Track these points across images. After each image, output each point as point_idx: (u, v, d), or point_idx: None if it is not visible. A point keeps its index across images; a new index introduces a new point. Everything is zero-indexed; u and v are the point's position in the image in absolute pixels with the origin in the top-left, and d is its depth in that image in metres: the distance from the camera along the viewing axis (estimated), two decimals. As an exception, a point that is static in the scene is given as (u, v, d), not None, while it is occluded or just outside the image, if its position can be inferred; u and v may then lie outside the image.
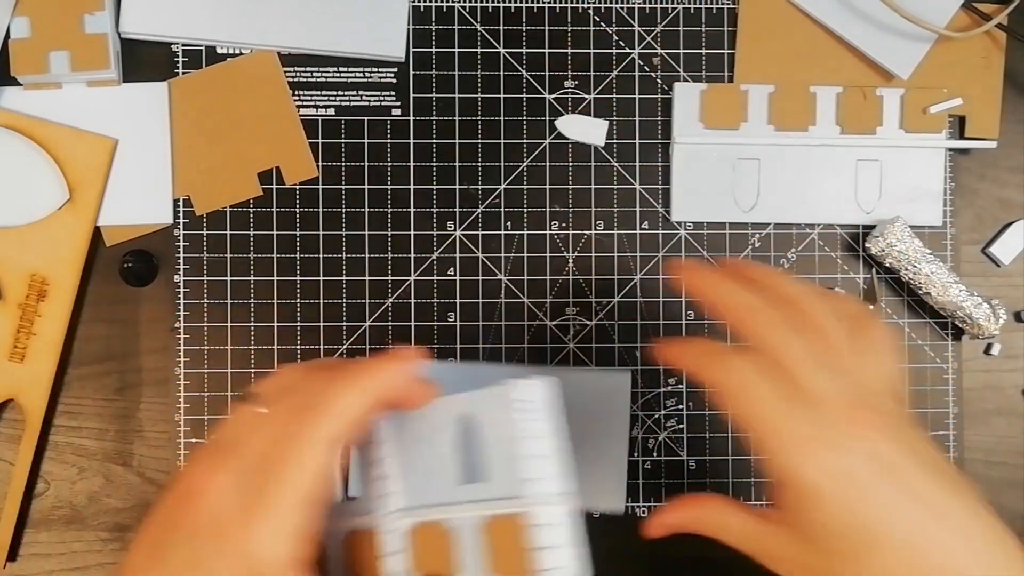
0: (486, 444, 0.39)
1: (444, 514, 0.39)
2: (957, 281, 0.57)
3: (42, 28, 0.56)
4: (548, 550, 0.37)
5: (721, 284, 0.43)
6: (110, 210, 0.57)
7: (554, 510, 0.37)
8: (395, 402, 0.42)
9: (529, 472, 0.37)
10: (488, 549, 0.38)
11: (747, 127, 0.59)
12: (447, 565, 0.39)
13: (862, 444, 0.40)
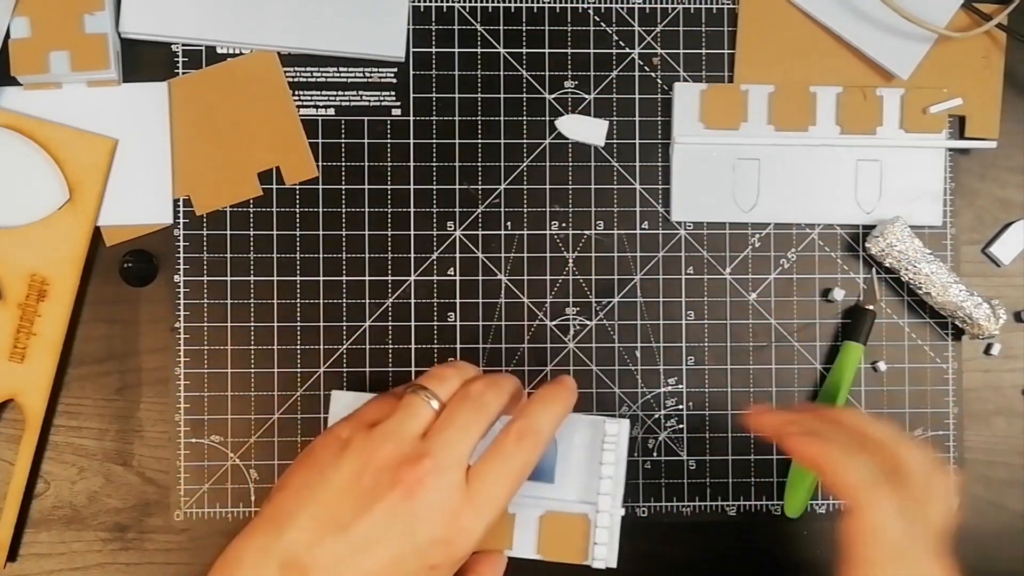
0: (563, 457, 0.52)
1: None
2: (957, 281, 0.57)
3: (42, 28, 0.56)
4: (600, 545, 0.51)
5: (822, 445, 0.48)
6: (110, 210, 0.57)
7: (611, 518, 0.51)
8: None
9: (603, 487, 0.51)
10: (540, 535, 0.51)
11: (747, 127, 0.59)
12: (503, 541, 0.51)
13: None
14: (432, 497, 0.42)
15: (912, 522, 0.46)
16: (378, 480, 0.43)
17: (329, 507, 0.43)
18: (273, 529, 0.43)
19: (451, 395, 0.46)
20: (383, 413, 0.46)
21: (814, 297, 0.60)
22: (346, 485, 0.43)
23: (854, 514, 0.46)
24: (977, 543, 0.60)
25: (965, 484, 0.60)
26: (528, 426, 0.45)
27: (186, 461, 0.57)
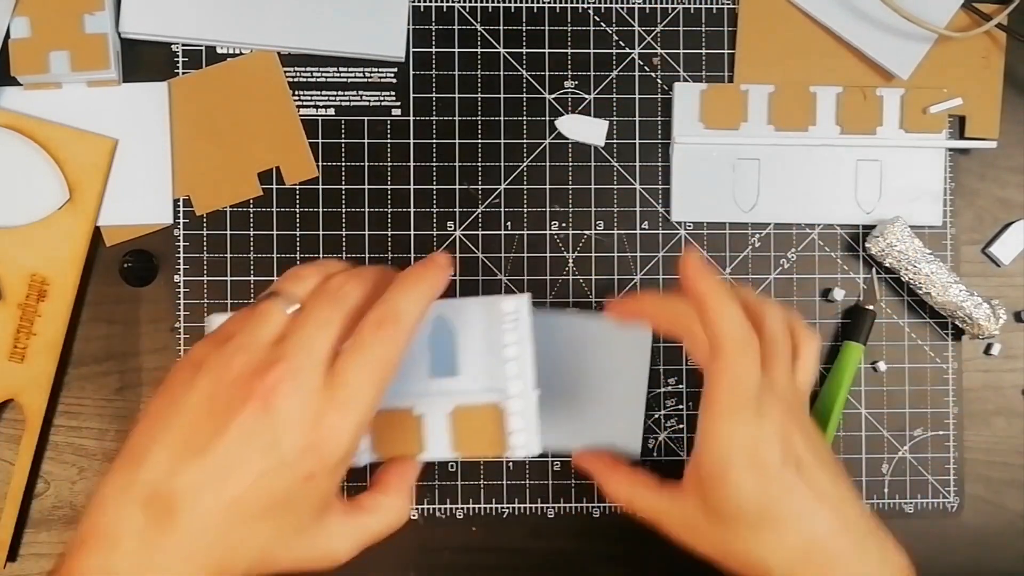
0: (463, 346, 0.47)
1: (411, 402, 0.47)
2: (957, 281, 0.57)
3: (42, 28, 0.56)
4: (517, 433, 0.46)
5: (713, 288, 0.47)
6: (110, 210, 0.57)
7: (526, 402, 0.46)
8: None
9: (510, 371, 0.46)
10: (453, 433, 0.47)
11: (747, 127, 0.59)
12: (413, 446, 0.47)
13: (775, 428, 0.46)
14: (289, 404, 0.40)
15: (772, 379, 0.47)
16: (231, 396, 0.40)
17: (185, 433, 0.40)
18: (131, 466, 0.41)
19: (310, 292, 0.43)
20: (237, 328, 0.42)
21: (814, 297, 0.60)
22: (200, 407, 0.41)
23: (718, 363, 0.46)
24: (977, 543, 0.60)
25: (965, 484, 0.60)
26: (387, 311, 0.42)
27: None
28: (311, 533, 0.43)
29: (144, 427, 0.42)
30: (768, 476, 0.46)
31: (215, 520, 0.40)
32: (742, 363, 0.46)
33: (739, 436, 0.46)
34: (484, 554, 0.58)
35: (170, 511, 0.40)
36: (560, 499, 0.58)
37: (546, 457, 0.58)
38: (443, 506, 0.58)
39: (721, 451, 0.46)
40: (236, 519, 0.40)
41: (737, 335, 0.46)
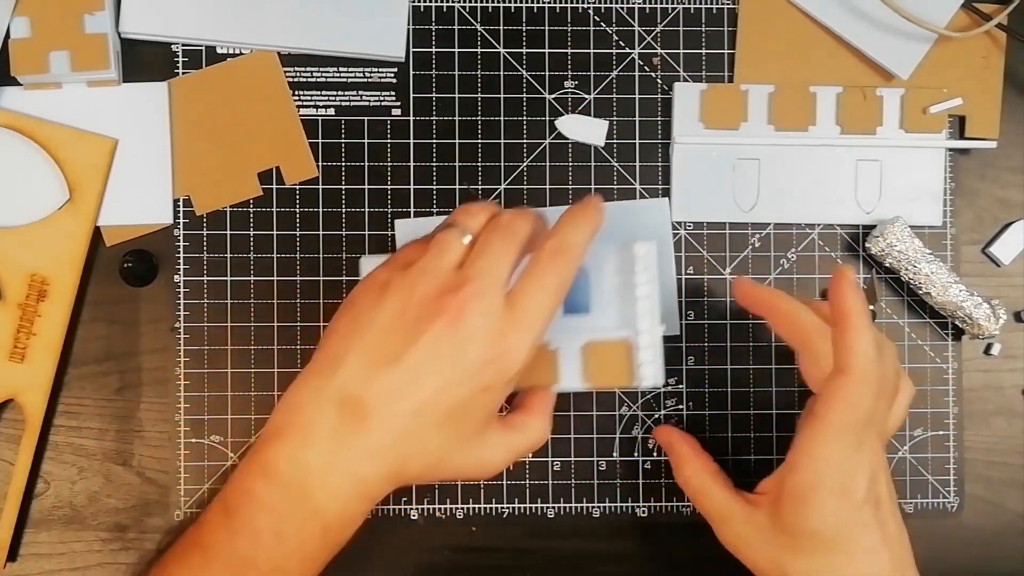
0: (596, 286, 0.52)
1: (549, 337, 0.51)
2: (957, 281, 0.57)
3: (42, 28, 0.56)
4: (645, 364, 0.51)
5: (860, 311, 0.50)
6: (110, 210, 0.57)
7: (653, 337, 0.51)
8: None
9: (640, 308, 0.51)
10: (584, 365, 0.51)
11: (747, 127, 0.59)
12: (547, 377, 0.52)
13: (869, 461, 0.48)
14: (476, 320, 0.44)
15: (876, 411, 0.49)
16: (421, 312, 0.44)
17: (377, 344, 0.45)
18: (327, 371, 0.45)
19: (481, 228, 0.47)
20: (417, 255, 0.46)
21: (814, 297, 0.60)
22: (391, 321, 0.45)
23: (840, 383, 0.48)
24: (977, 543, 0.60)
25: (965, 484, 0.60)
26: (560, 243, 0.46)
27: (186, 461, 0.57)
28: (476, 444, 0.47)
29: (336, 338, 0.46)
30: (851, 506, 0.48)
31: (402, 424, 0.44)
32: (864, 390, 0.48)
33: (838, 460, 0.48)
34: (484, 554, 0.58)
35: (362, 413, 0.44)
36: (560, 499, 0.58)
37: (546, 457, 0.58)
38: (443, 506, 0.58)
39: (816, 470, 0.48)
40: (420, 424, 0.44)
41: (869, 361, 0.48)
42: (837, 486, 0.48)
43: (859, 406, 0.48)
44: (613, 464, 0.59)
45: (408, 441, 0.45)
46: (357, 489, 0.45)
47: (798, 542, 0.49)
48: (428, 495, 0.58)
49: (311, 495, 0.44)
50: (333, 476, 0.44)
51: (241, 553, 0.45)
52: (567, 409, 0.59)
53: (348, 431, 0.44)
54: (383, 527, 0.58)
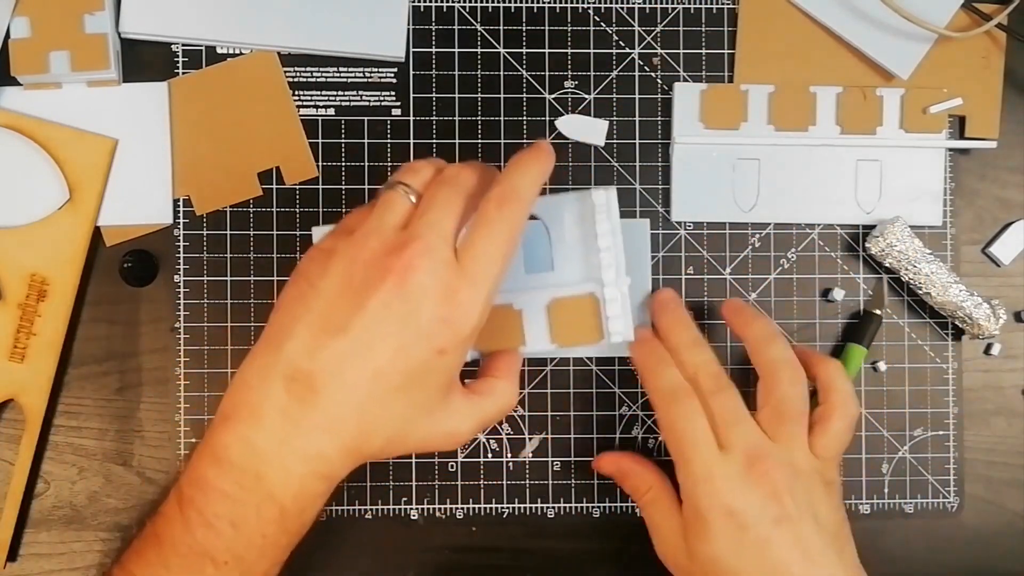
0: (556, 239, 0.50)
1: (510, 298, 0.50)
2: (957, 281, 0.57)
3: (42, 28, 0.56)
4: (614, 319, 0.49)
5: (645, 353, 0.54)
6: (110, 210, 0.57)
7: (618, 289, 0.49)
8: None
9: (604, 260, 0.49)
10: (551, 324, 0.50)
11: (747, 127, 0.59)
12: (514, 340, 0.50)
13: (755, 483, 0.48)
14: (424, 278, 0.42)
15: (779, 442, 0.50)
16: (368, 275, 0.42)
17: (324, 313, 0.43)
18: (274, 347, 0.44)
19: (426, 184, 0.45)
20: (362, 219, 0.45)
21: (814, 297, 0.60)
22: (337, 288, 0.43)
23: (659, 415, 0.52)
24: (977, 543, 0.60)
25: (965, 484, 0.60)
26: (507, 190, 0.44)
27: (186, 461, 0.57)
28: (439, 413, 0.45)
29: (283, 311, 0.44)
30: (740, 526, 0.48)
31: (356, 394, 0.42)
32: (673, 413, 0.51)
33: (704, 483, 0.49)
34: (484, 554, 0.58)
35: (312, 387, 0.42)
36: (560, 499, 0.58)
37: (546, 457, 0.58)
38: (443, 506, 0.58)
39: (691, 496, 0.49)
40: (375, 393, 0.43)
41: (665, 390, 0.52)
42: (717, 508, 0.48)
43: (678, 428, 0.50)
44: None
45: (364, 413, 0.43)
46: (312, 467, 0.43)
47: (705, 568, 0.49)
48: (428, 495, 0.58)
49: (264, 478, 0.43)
50: (286, 457, 0.43)
51: (198, 544, 0.43)
52: (567, 409, 0.59)
53: (298, 408, 0.43)
54: (383, 527, 0.58)
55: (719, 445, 0.49)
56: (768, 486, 0.48)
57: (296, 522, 0.45)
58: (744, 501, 0.48)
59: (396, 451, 0.45)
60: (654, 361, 0.53)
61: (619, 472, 0.56)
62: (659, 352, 0.53)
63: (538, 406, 0.58)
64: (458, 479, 0.58)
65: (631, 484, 0.55)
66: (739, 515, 0.48)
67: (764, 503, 0.48)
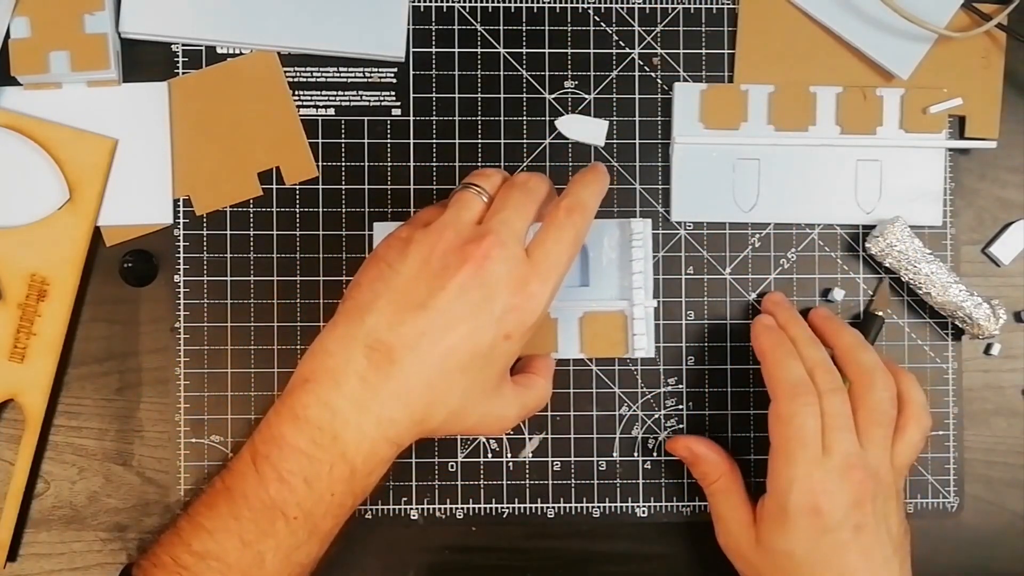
0: (595, 259, 0.56)
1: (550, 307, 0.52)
2: (957, 281, 0.57)
3: (42, 28, 0.55)
4: (639, 336, 0.56)
5: (773, 343, 0.55)
6: (110, 210, 0.57)
7: (646, 310, 0.56)
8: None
9: (635, 282, 0.55)
10: (582, 335, 0.56)
11: (747, 127, 0.59)
12: (548, 345, 0.56)
13: (847, 487, 0.50)
14: (499, 268, 0.46)
15: (866, 446, 0.51)
16: (446, 261, 0.46)
17: (404, 291, 0.46)
18: (355, 319, 0.47)
19: (496, 188, 0.49)
20: (436, 215, 0.49)
21: (814, 297, 0.60)
22: (417, 271, 0.46)
23: (771, 404, 0.52)
24: (977, 543, 0.60)
25: (965, 484, 0.60)
26: (575, 201, 0.48)
27: (186, 461, 0.57)
28: (494, 396, 0.49)
29: (363, 288, 0.48)
30: (824, 528, 0.50)
31: (428, 367, 0.46)
32: (793, 408, 0.51)
33: (801, 479, 0.50)
34: (484, 554, 0.58)
35: (390, 357, 0.46)
36: (560, 499, 0.58)
37: (546, 457, 0.58)
38: (443, 506, 0.58)
39: (782, 491, 0.51)
40: (445, 368, 0.46)
41: (790, 384, 0.52)
42: (806, 507, 0.50)
43: (794, 424, 0.51)
44: (613, 464, 0.59)
45: (434, 386, 0.46)
46: (384, 432, 0.46)
47: (776, 560, 0.51)
48: (428, 495, 0.58)
49: (340, 438, 0.46)
50: (362, 419, 0.46)
51: (270, 498, 0.46)
52: (567, 409, 0.59)
53: (377, 375, 0.46)
54: (383, 527, 0.58)
55: (822, 447, 0.51)
56: (857, 494, 0.50)
57: (362, 483, 0.47)
58: (832, 504, 0.50)
59: (455, 427, 0.48)
60: (782, 353, 0.54)
61: (692, 456, 0.57)
62: (787, 345, 0.54)
63: (538, 406, 0.58)
64: (458, 479, 0.58)
65: (702, 470, 0.56)
66: (825, 516, 0.50)
67: (849, 509, 0.50)
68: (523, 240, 0.47)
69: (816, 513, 0.50)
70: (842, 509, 0.50)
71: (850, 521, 0.50)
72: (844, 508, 0.50)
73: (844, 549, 0.50)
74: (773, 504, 0.51)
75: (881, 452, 0.52)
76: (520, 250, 0.47)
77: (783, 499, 0.51)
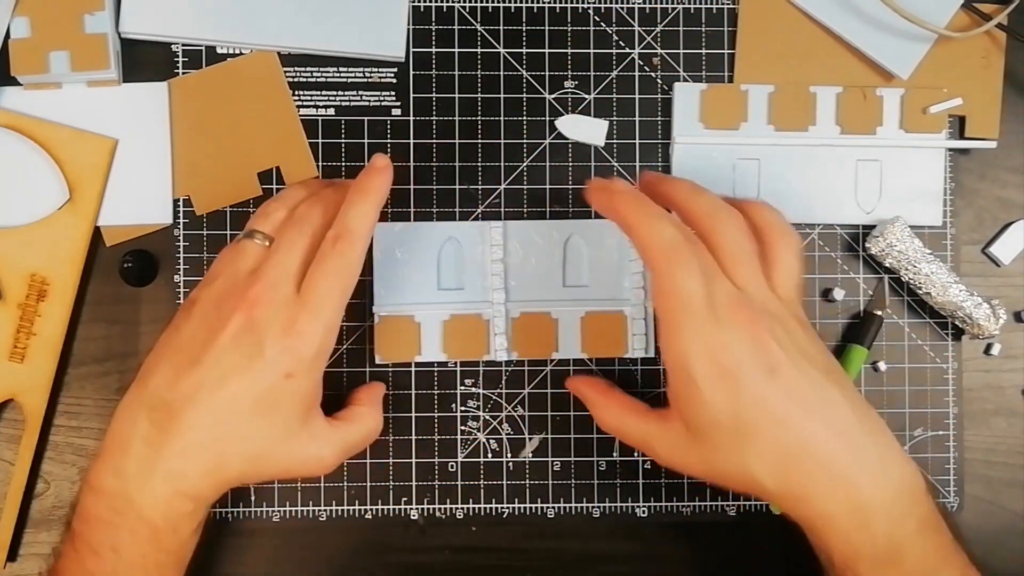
0: (597, 260, 0.57)
1: (550, 307, 0.57)
2: (957, 281, 0.57)
3: (42, 28, 0.55)
4: (638, 336, 0.57)
5: (634, 208, 0.48)
6: (110, 210, 0.57)
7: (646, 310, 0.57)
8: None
9: (636, 283, 0.57)
10: (582, 335, 0.57)
11: (747, 127, 0.58)
12: (548, 347, 0.57)
13: (740, 335, 0.45)
14: (268, 311, 0.47)
15: (737, 285, 0.47)
16: (219, 314, 0.48)
17: (183, 349, 0.48)
18: (140, 384, 0.48)
19: (277, 227, 0.50)
20: (223, 267, 0.50)
21: (814, 297, 0.59)
22: (195, 328, 0.48)
23: (653, 278, 0.47)
24: (977, 543, 0.59)
25: (965, 484, 0.60)
26: (340, 229, 0.49)
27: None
28: (300, 437, 0.49)
29: (152, 354, 0.49)
30: (738, 385, 0.45)
31: (210, 418, 0.47)
32: (675, 273, 0.46)
33: (695, 347, 0.45)
34: (484, 554, 0.58)
35: (171, 415, 0.47)
36: (560, 499, 0.58)
37: (546, 457, 0.58)
38: (443, 506, 0.58)
39: (681, 367, 0.46)
40: (229, 417, 0.47)
41: (660, 246, 0.46)
42: (710, 372, 0.45)
43: (681, 289, 0.45)
44: (613, 464, 0.58)
45: (220, 435, 0.47)
46: (175, 486, 0.47)
47: (709, 438, 0.46)
48: (428, 495, 0.58)
49: (133, 500, 0.47)
50: (151, 479, 0.47)
51: (88, 573, 0.47)
52: (567, 409, 0.58)
53: (160, 434, 0.47)
54: (383, 527, 0.58)
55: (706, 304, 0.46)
56: (752, 335, 0.46)
57: (171, 540, 0.48)
58: (732, 356, 0.45)
59: (260, 474, 0.49)
60: (647, 213, 0.48)
61: (575, 390, 0.55)
62: (650, 206, 0.48)
63: (538, 406, 0.58)
64: (458, 479, 0.58)
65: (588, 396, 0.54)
66: (732, 372, 0.45)
67: (752, 355, 0.45)
68: (294, 277, 0.48)
69: (722, 373, 0.45)
70: (745, 357, 0.45)
71: (759, 366, 0.45)
72: (747, 355, 0.45)
73: (767, 397, 0.45)
74: (679, 383, 0.46)
75: (757, 287, 0.48)
76: (289, 289, 0.47)
77: (687, 374, 0.46)
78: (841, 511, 0.46)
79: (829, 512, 0.46)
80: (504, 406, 0.58)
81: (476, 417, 0.58)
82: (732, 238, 0.48)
